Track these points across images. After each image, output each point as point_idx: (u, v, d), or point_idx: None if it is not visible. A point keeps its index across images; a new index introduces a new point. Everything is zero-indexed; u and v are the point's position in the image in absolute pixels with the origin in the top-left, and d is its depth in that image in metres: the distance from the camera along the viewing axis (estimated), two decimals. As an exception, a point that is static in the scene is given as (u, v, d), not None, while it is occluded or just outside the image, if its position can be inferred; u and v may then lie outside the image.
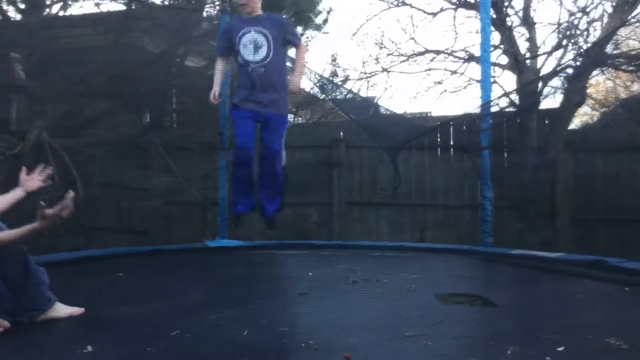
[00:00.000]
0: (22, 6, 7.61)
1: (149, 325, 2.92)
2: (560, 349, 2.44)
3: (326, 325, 2.90)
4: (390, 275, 4.31)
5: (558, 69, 6.97)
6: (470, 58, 7.90)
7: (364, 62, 9.25)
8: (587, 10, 7.26)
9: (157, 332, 2.74)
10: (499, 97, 6.72)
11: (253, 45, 3.60)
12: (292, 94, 3.89)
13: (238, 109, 3.72)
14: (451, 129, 7.50)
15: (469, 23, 8.93)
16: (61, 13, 7.49)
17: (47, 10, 7.49)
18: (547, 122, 7.24)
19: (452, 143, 7.55)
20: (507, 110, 7.34)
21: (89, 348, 2.47)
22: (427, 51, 8.15)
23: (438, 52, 8.10)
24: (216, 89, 3.92)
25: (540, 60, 7.76)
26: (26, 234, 2.62)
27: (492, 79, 6.26)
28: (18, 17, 7.65)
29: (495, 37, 7.31)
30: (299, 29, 8.91)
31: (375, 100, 8.39)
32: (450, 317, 3.11)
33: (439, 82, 8.29)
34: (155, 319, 3.08)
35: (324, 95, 8.16)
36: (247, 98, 3.68)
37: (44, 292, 2.85)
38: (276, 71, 3.61)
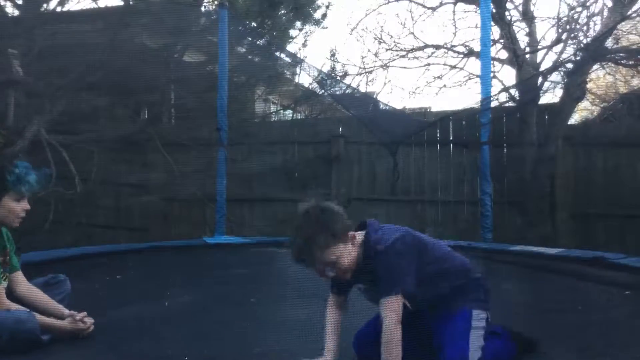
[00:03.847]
0: (19, 1, 7.58)
1: (146, 335, 2.86)
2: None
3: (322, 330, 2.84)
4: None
5: (558, 63, 6.94)
6: (470, 53, 7.87)
7: (363, 57, 9.30)
8: (587, 4, 7.24)
9: (155, 347, 2.68)
10: (499, 92, 6.69)
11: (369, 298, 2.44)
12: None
13: None
14: (450, 124, 7.47)
15: (469, 17, 8.92)
16: (59, 9, 7.47)
17: (45, 5, 7.45)
18: (547, 117, 7.21)
19: (451, 138, 7.53)
20: (506, 105, 7.32)
21: None
22: (426, 46, 8.13)
23: (437, 47, 8.07)
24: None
25: (540, 55, 7.74)
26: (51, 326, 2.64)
27: (491, 74, 6.24)
28: (16, 12, 7.62)
29: (495, 32, 7.29)
30: (298, 24, 8.87)
31: (375, 96, 8.36)
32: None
33: (439, 77, 8.28)
34: (153, 326, 3.01)
35: (323, 91, 8.15)
36: None
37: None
38: None
